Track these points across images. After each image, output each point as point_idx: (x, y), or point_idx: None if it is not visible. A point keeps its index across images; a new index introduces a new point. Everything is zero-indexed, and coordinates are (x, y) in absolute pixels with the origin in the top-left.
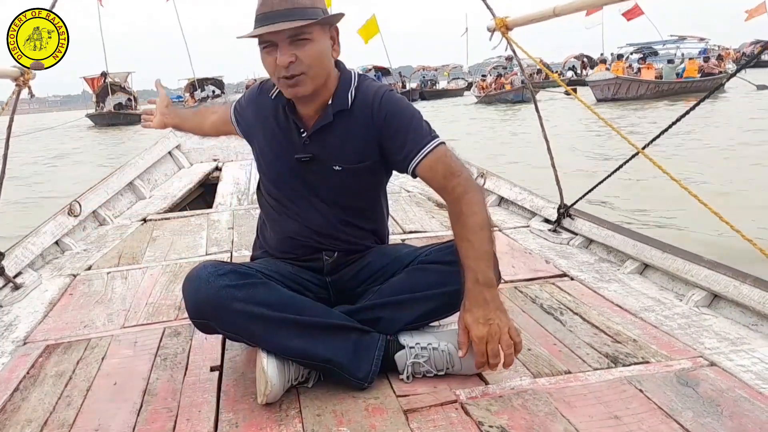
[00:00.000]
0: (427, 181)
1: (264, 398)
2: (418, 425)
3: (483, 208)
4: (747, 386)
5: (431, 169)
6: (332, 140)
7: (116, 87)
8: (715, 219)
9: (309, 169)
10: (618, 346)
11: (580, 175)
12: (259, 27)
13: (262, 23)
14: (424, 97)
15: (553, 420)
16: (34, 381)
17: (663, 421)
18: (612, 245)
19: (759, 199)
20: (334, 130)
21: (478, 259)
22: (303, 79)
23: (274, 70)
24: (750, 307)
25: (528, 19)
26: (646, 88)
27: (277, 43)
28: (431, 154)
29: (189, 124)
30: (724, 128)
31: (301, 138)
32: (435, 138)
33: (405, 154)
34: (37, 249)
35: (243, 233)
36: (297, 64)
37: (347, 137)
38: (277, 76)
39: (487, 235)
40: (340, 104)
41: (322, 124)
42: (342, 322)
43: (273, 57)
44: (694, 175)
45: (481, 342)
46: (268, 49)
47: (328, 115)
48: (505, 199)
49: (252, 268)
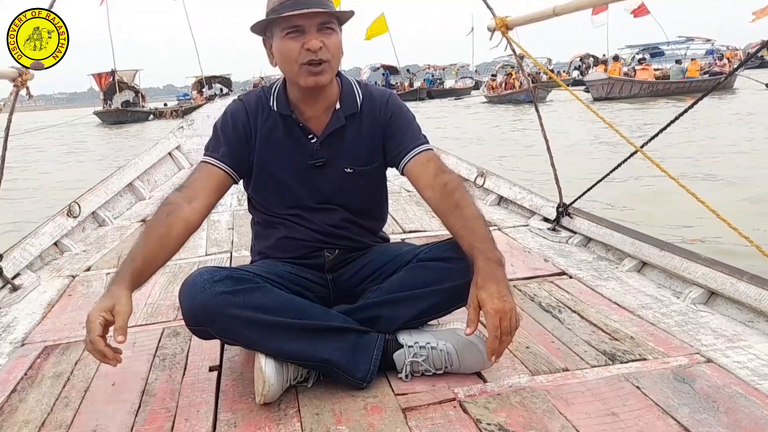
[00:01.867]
0: (417, 176)
1: (262, 398)
2: (416, 423)
3: (475, 203)
4: (743, 383)
5: (424, 166)
6: (344, 143)
7: (123, 85)
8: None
9: (320, 173)
10: (615, 343)
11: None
12: (292, 11)
13: (293, 8)
14: (432, 96)
15: (550, 417)
16: (32, 382)
17: (660, 418)
18: (610, 243)
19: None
20: (345, 133)
21: (483, 241)
22: (326, 67)
23: (298, 56)
24: (746, 304)
25: (528, 19)
26: (639, 88)
27: (305, 30)
28: (425, 153)
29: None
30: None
31: (311, 143)
32: (427, 142)
33: (401, 149)
34: (35, 250)
35: (243, 234)
36: (324, 51)
37: (358, 140)
38: (301, 62)
39: (485, 224)
40: (350, 107)
41: (336, 128)
42: (340, 324)
43: (299, 42)
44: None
45: (496, 315)
46: (294, 35)
47: (341, 119)
48: (504, 198)
49: (249, 272)
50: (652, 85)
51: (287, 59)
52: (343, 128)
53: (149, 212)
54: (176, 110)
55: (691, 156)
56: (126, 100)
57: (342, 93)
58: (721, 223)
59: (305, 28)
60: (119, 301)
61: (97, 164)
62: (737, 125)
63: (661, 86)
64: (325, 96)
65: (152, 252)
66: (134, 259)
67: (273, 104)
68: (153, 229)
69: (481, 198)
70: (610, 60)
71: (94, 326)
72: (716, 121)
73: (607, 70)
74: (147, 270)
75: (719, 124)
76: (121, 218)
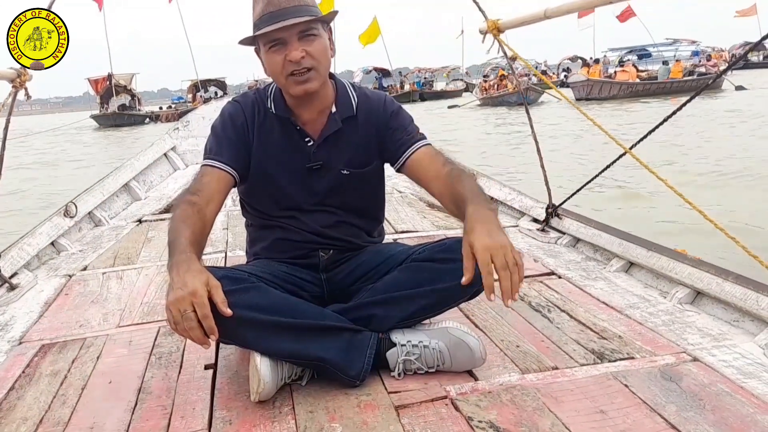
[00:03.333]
0: (425, 167)
1: (257, 396)
2: (409, 421)
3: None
4: (729, 381)
5: (430, 158)
6: (340, 146)
7: (120, 88)
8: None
9: (317, 176)
10: (604, 342)
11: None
12: (269, 25)
13: (270, 22)
14: (424, 98)
15: (540, 415)
16: (30, 380)
17: (647, 415)
18: (598, 244)
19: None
20: (342, 136)
21: (477, 195)
22: (313, 74)
23: (282, 69)
24: (732, 304)
25: (519, 22)
26: (618, 89)
27: (286, 41)
28: (427, 147)
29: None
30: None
31: (308, 146)
32: (426, 138)
33: (401, 143)
34: (32, 250)
35: (237, 233)
36: (307, 59)
37: (354, 142)
38: (285, 73)
39: (482, 191)
40: (345, 110)
41: (332, 131)
42: (334, 323)
43: (281, 55)
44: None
45: (485, 251)
46: (276, 48)
47: (337, 122)
48: (494, 199)
49: (244, 272)
50: (632, 86)
51: (274, 72)
52: (339, 131)
53: (145, 212)
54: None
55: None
56: (122, 103)
57: (337, 96)
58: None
59: (286, 40)
60: (209, 276)
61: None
62: (726, 125)
63: (641, 87)
64: (320, 100)
65: (199, 233)
66: (188, 238)
67: (271, 106)
68: (188, 217)
69: None
70: (603, 60)
71: (204, 301)
72: (710, 118)
73: (589, 72)
74: (202, 247)
75: (711, 123)
76: (117, 218)
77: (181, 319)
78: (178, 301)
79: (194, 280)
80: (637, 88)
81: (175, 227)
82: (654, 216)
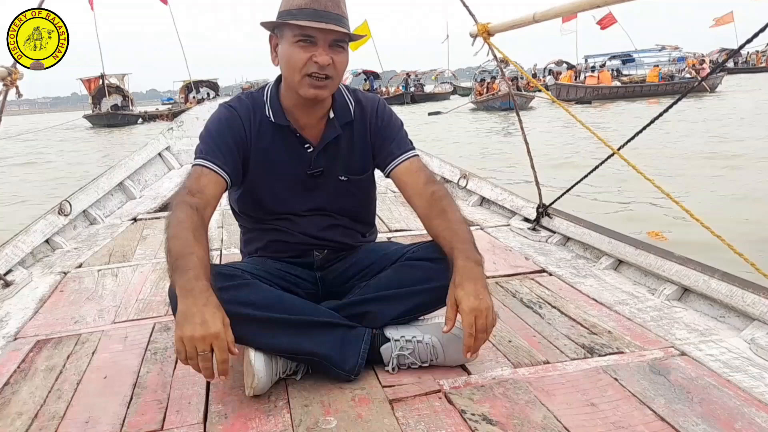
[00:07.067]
0: (406, 182)
1: (252, 390)
2: (403, 414)
3: (459, 210)
4: (715, 374)
5: (413, 174)
6: (339, 152)
7: (112, 89)
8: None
9: (316, 182)
10: (594, 337)
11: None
12: (310, 21)
13: (312, 18)
14: (416, 100)
15: (532, 408)
16: (25, 375)
17: (637, 408)
18: (588, 242)
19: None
20: (341, 142)
21: (465, 242)
22: (329, 83)
23: (304, 66)
24: (718, 300)
25: (509, 25)
26: (584, 92)
27: (317, 42)
28: (413, 159)
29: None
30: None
31: (308, 153)
32: (414, 149)
33: (388, 153)
34: (27, 247)
35: (232, 232)
36: (331, 68)
37: (352, 148)
38: (304, 72)
39: (467, 228)
40: (344, 116)
41: (333, 137)
42: (328, 319)
43: (308, 53)
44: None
45: (471, 313)
46: (304, 44)
47: (336, 128)
48: (486, 199)
49: (239, 269)
50: (597, 90)
51: (291, 66)
52: (338, 137)
53: (140, 211)
54: (167, 114)
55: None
56: (114, 104)
57: (335, 101)
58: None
59: (317, 41)
60: (224, 314)
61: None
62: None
63: (607, 90)
64: (321, 105)
65: (207, 248)
66: (201, 259)
67: (269, 113)
68: (196, 228)
69: (464, 199)
70: (577, 67)
71: (225, 346)
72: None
73: (559, 77)
74: (209, 265)
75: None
76: (111, 217)
77: (195, 356)
78: (195, 340)
79: (215, 319)
80: (603, 92)
81: (182, 235)
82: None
